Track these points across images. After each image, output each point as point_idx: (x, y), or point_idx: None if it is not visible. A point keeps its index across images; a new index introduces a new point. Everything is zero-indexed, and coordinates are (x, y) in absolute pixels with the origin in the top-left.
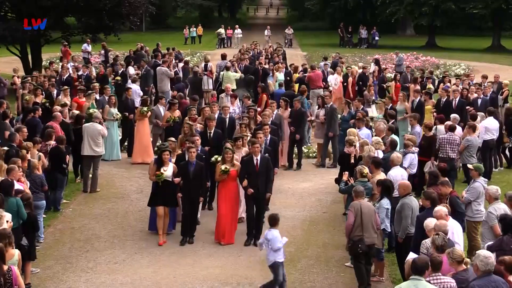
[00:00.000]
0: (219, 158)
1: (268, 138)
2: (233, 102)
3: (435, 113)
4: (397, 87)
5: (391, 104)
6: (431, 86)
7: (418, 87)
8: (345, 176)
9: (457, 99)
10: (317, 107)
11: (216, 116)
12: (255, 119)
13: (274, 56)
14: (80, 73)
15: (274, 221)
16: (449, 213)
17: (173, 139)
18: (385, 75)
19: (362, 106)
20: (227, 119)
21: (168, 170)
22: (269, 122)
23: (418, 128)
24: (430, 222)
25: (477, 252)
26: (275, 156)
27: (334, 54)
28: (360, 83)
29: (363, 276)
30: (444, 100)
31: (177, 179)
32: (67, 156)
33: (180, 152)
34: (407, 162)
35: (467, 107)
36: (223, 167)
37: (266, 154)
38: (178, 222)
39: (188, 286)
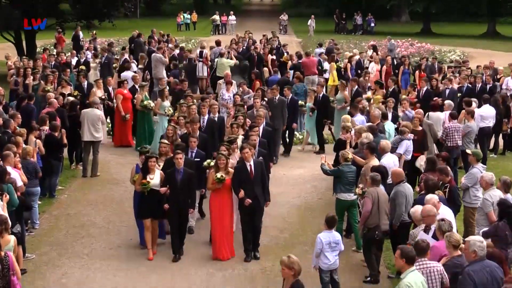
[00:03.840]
0: (212, 163)
1: (261, 127)
2: (228, 89)
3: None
4: (421, 76)
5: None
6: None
7: (424, 75)
8: (323, 159)
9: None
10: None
11: (207, 117)
12: (245, 123)
13: (267, 45)
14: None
15: (332, 223)
16: (446, 201)
17: (166, 141)
18: (388, 60)
19: (356, 86)
20: (216, 119)
21: (155, 178)
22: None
23: (410, 113)
24: (416, 211)
25: (469, 239)
26: (271, 147)
27: (329, 41)
28: (359, 71)
29: (374, 263)
30: (424, 90)
31: (163, 189)
32: (64, 139)
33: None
34: (402, 149)
35: (435, 98)
36: (218, 175)
37: (260, 158)
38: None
39: (184, 271)
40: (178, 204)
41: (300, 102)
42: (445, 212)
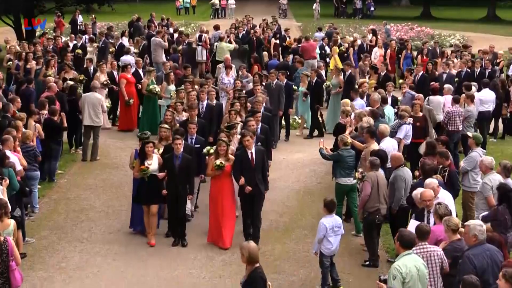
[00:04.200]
0: (212, 150)
1: (259, 126)
2: (228, 73)
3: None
4: (424, 61)
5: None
6: (454, 59)
7: (445, 60)
8: (321, 144)
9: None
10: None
11: (205, 103)
12: (246, 107)
13: (268, 30)
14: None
15: (332, 207)
16: (444, 185)
17: (166, 126)
18: (392, 44)
19: (349, 71)
20: (215, 105)
21: (153, 164)
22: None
23: (409, 94)
24: (418, 193)
25: (469, 223)
26: (268, 146)
27: (328, 25)
28: (361, 55)
29: (375, 248)
30: (420, 74)
31: (161, 174)
32: (64, 122)
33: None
34: (402, 133)
35: (432, 83)
36: (217, 161)
37: (259, 143)
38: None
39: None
40: (176, 189)
41: (294, 87)
42: (445, 196)
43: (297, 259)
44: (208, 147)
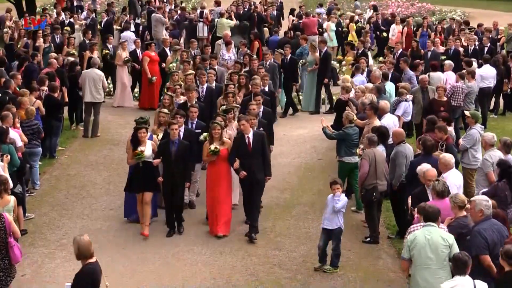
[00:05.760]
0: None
1: (261, 109)
2: (228, 50)
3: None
4: (440, 39)
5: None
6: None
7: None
8: (324, 122)
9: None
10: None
11: (205, 86)
12: (247, 85)
13: (269, 8)
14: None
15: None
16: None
17: (165, 110)
18: (409, 21)
19: (325, 48)
20: (214, 88)
21: (147, 150)
22: (260, 91)
23: (410, 72)
24: (422, 170)
25: (474, 198)
26: (270, 130)
27: (329, 1)
28: (377, 32)
29: (375, 224)
30: (399, 52)
31: (156, 161)
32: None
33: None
34: (400, 111)
35: (416, 60)
36: (212, 146)
37: (261, 129)
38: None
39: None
40: (173, 177)
41: (301, 60)
42: (455, 175)
43: (298, 235)
44: (205, 134)
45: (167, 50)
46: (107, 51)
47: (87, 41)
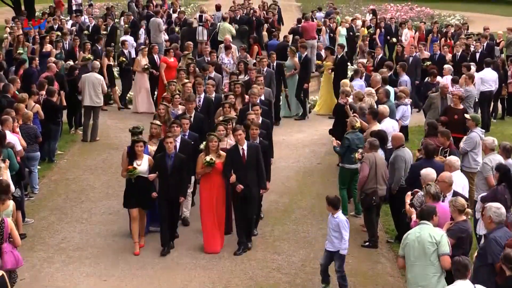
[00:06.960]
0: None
1: (260, 120)
2: (228, 54)
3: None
4: (450, 44)
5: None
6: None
7: (452, 43)
8: (335, 142)
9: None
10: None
11: (202, 96)
12: (243, 96)
13: (268, 13)
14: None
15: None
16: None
17: (157, 122)
18: (421, 27)
19: (305, 53)
20: (213, 98)
21: (143, 164)
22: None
23: (405, 77)
24: (425, 174)
25: (486, 205)
26: (270, 142)
27: (328, 4)
28: (388, 37)
29: (374, 229)
30: (379, 57)
31: (151, 175)
32: (63, 101)
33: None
34: (399, 114)
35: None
36: (208, 158)
37: (261, 139)
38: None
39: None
40: (168, 192)
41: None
42: (460, 178)
43: (296, 239)
44: (205, 143)
45: (156, 57)
46: (123, 58)
47: (99, 47)
